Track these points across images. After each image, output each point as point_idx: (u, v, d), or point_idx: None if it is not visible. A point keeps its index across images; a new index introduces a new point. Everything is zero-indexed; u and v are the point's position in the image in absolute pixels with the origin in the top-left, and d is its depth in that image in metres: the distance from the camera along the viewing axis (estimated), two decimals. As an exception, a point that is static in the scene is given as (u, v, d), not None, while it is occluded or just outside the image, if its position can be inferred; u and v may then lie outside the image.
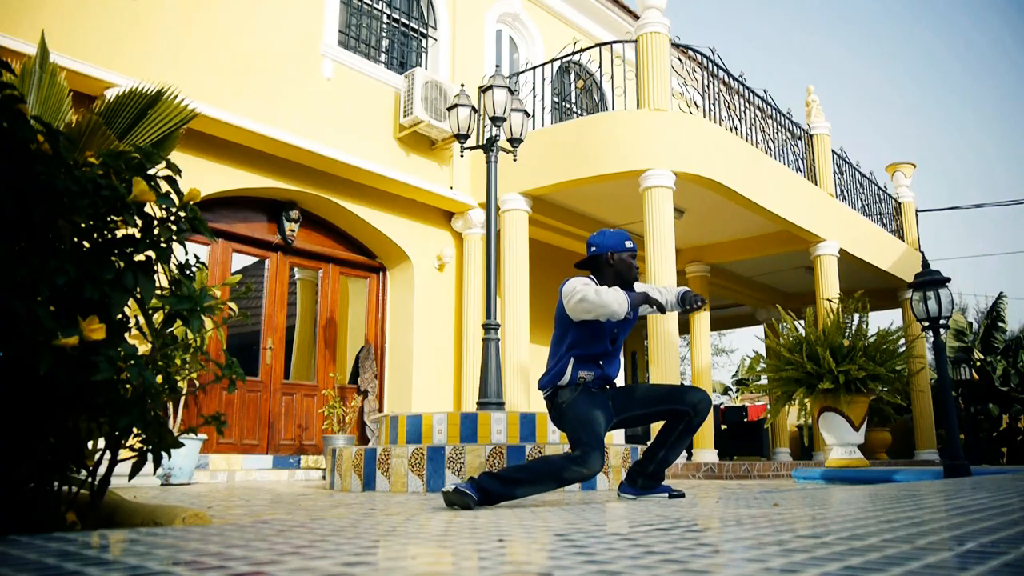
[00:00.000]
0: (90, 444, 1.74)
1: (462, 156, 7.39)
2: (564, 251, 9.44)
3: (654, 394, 3.42)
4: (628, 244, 3.48)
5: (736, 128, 8.40)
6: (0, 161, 1.51)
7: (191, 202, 1.78)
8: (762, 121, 9.07)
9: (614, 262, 3.42)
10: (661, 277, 7.11)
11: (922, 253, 8.16)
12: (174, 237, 1.76)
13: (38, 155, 1.56)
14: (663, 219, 7.18)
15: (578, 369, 3.31)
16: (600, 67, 8.75)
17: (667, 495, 3.38)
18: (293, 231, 7.66)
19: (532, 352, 7.76)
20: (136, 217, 1.71)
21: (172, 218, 1.76)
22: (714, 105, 8.17)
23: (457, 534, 1.49)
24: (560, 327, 3.38)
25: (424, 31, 8.80)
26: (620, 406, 3.40)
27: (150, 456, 1.79)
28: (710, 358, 11.24)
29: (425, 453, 4.66)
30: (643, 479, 3.39)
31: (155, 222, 1.74)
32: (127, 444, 1.77)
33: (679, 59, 8.15)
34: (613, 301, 3.15)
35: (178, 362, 3.83)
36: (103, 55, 5.79)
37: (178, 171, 1.82)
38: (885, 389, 6.09)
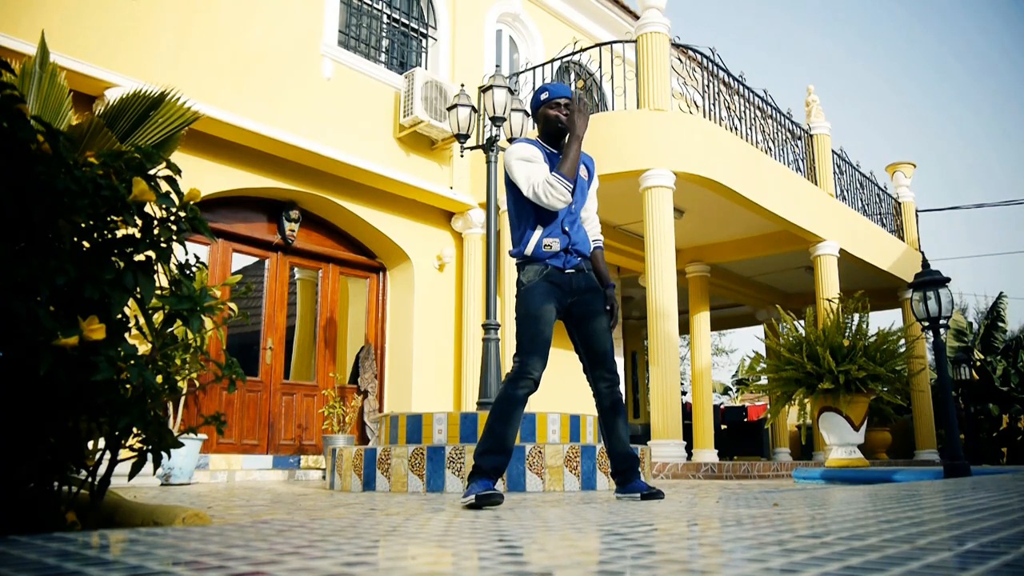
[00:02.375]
0: (90, 444, 1.74)
1: (462, 156, 7.39)
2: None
3: (596, 343, 3.28)
4: (543, 96, 3.28)
5: (736, 128, 8.40)
6: (0, 161, 1.51)
7: (191, 202, 1.78)
8: (762, 121, 9.07)
9: (538, 120, 3.32)
10: (661, 277, 7.11)
11: (922, 253, 8.16)
12: (174, 237, 1.76)
13: (38, 155, 1.56)
14: (663, 219, 7.18)
15: (543, 237, 3.19)
16: (600, 67, 8.75)
17: (639, 496, 3.19)
18: (293, 231, 7.66)
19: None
20: (136, 217, 1.71)
21: (172, 218, 1.76)
22: (714, 105, 8.17)
23: (457, 534, 1.49)
24: (512, 192, 3.26)
25: (424, 31, 8.80)
26: (578, 316, 3.26)
27: (150, 456, 1.79)
28: (710, 358, 11.23)
29: (425, 453, 4.66)
30: (619, 477, 3.33)
31: (155, 222, 1.74)
32: (127, 444, 1.77)
33: (679, 59, 8.15)
34: (558, 198, 3.08)
35: (178, 362, 3.83)
36: (103, 55, 5.79)
37: (178, 171, 1.82)
38: (885, 389, 6.10)
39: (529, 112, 3.42)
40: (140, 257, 1.71)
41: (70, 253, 1.59)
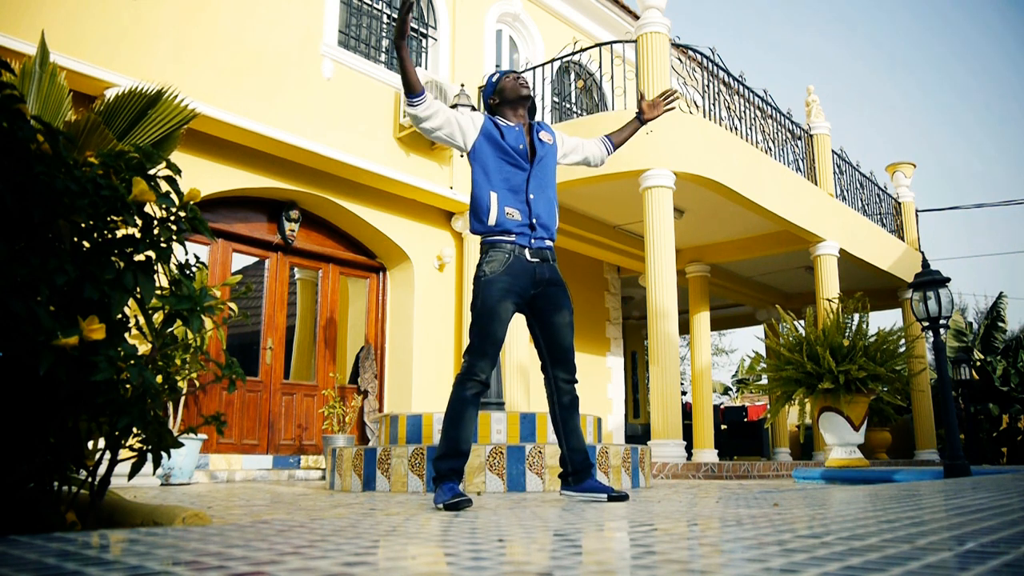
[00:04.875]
0: (90, 444, 1.74)
1: (462, 156, 7.38)
2: (564, 251, 9.43)
3: (558, 339, 3.21)
4: (495, 78, 3.30)
5: (736, 128, 8.40)
6: (0, 161, 1.51)
7: (191, 202, 1.78)
8: (762, 121, 9.07)
9: (500, 94, 3.29)
10: (661, 277, 7.11)
11: (922, 253, 8.16)
12: (174, 237, 1.76)
13: (38, 155, 1.56)
14: (663, 219, 7.18)
15: (503, 205, 3.10)
16: (600, 67, 8.75)
17: (606, 497, 3.12)
18: (293, 231, 7.65)
19: (532, 352, 7.75)
20: (136, 217, 1.71)
21: (172, 218, 1.76)
22: (714, 105, 8.17)
23: (457, 534, 1.49)
24: (471, 168, 3.24)
25: (424, 31, 8.80)
26: (541, 309, 3.18)
27: (150, 456, 1.79)
28: (710, 358, 11.23)
29: (425, 453, 4.66)
30: (571, 477, 3.26)
31: (155, 222, 1.74)
32: (127, 444, 1.77)
33: (679, 59, 8.15)
34: (412, 108, 3.09)
35: (178, 362, 3.81)
36: (103, 55, 5.79)
37: (178, 171, 1.82)
38: (885, 389, 6.10)
39: (484, 100, 3.37)
40: (140, 257, 1.71)
41: (70, 253, 1.59)
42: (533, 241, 3.15)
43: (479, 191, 3.16)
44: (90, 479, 1.76)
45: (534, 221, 3.15)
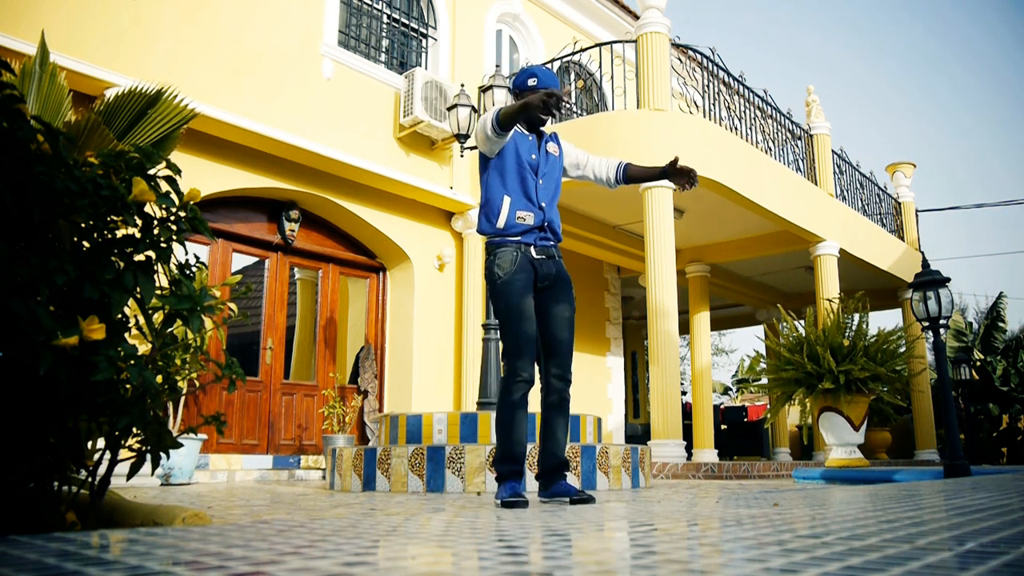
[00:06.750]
0: (90, 444, 1.74)
1: (462, 156, 7.38)
2: (564, 251, 9.42)
3: (556, 331, 3.20)
4: (531, 82, 3.23)
5: (736, 128, 8.40)
6: (1, 161, 1.51)
7: (191, 202, 1.78)
8: (762, 121, 9.06)
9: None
10: (661, 277, 7.11)
11: (922, 253, 8.16)
12: (174, 237, 1.76)
13: (38, 155, 1.56)
14: (663, 219, 7.18)
15: (515, 208, 3.14)
16: (600, 67, 8.75)
17: (568, 499, 3.05)
18: (293, 231, 7.65)
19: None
20: (136, 217, 1.71)
21: (172, 218, 1.76)
22: (714, 105, 8.16)
23: (457, 534, 1.49)
24: (481, 169, 3.25)
25: (424, 31, 8.80)
26: (542, 303, 3.20)
27: (149, 456, 1.79)
28: (710, 358, 11.23)
29: (425, 453, 4.66)
30: (544, 479, 3.22)
31: (155, 222, 1.74)
32: (127, 444, 1.77)
33: (679, 59, 8.15)
34: (481, 121, 3.09)
35: (178, 362, 3.82)
36: (103, 55, 5.79)
37: (178, 171, 1.82)
38: (885, 389, 6.10)
39: (510, 89, 3.37)
40: (140, 257, 1.71)
41: (70, 253, 1.59)
42: (539, 241, 3.21)
43: (493, 194, 3.20)
44: (90, 479, 1.76)
45: (546, 224, 3.23)
